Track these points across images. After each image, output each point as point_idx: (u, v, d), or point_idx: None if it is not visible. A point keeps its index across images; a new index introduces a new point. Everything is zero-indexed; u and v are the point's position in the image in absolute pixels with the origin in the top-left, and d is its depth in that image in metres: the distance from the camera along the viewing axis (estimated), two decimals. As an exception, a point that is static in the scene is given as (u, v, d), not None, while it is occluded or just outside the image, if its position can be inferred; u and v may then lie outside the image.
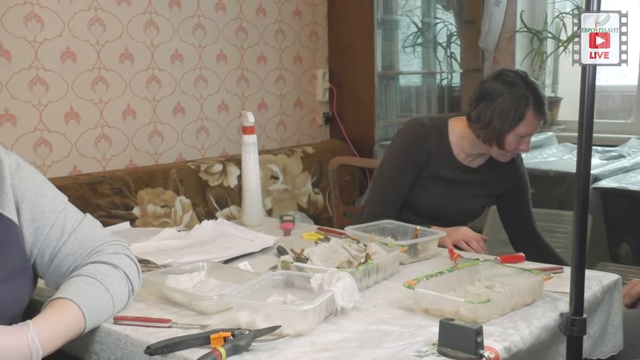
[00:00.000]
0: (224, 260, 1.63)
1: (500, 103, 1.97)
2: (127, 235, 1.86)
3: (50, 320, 1.13)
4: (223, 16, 3.19)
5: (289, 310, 1.21)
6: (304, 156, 3.39)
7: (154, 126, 2.98)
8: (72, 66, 2.67)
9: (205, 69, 3.15)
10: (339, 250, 1.58)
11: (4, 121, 2.50)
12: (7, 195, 1.24)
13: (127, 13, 2.82)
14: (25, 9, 2.51)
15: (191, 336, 1.16)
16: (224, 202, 2.99)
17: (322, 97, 3.70)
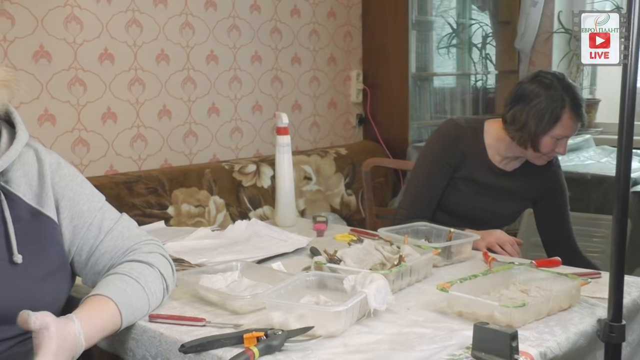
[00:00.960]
0: (257, 260, 1.64)
1: (536, 105, 1.94)
2: (162, 234, 1.88)
3: (90, 316, 1.15)
4: (258, 17, 3.21)
5: (322, 311, 1.21)
6: (337, 157, 3.39)
7: (189, 126, 3.01)
8: (109, 67, 2.71)
9: (240, 69, 3.17)
10: (372, 252, 1.57)
11: (44, 121, 2.55)
12: (48, 194, 1.27)
13: (163, 14, 2.85)
14: (66, 10, 2.56)
15: (225, 335, 1.17)
16: (257, 202, 3.00)
17: (356, 98, 3.70)
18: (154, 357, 1.25)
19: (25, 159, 1.27)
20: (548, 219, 2.18)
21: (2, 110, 1.26)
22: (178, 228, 2.21)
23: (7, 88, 1.25)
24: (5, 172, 1.24)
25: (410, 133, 3.60)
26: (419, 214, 2.04)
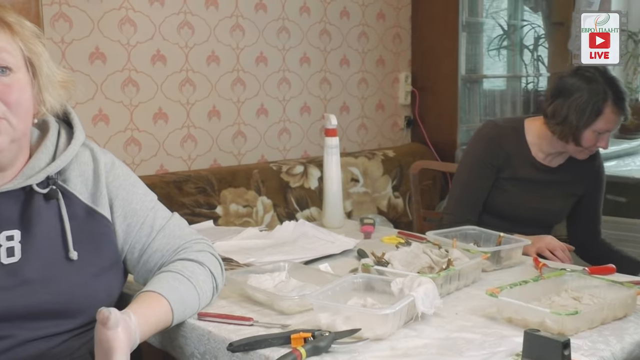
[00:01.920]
0: (304, 261, 1.64)
1: (577, 98, 1.92)
2: (211, 233, 1.90)
3: (144, 313, 1.17)
4: (307, 19, 3.22)
5: (370, 313, 1.20)
6: (384, 159, 3.38)
7: (238, 127, 3.04)
8: (161, 68, 2.76)
9: (289, 71, 3.18)
10: (420, 255, 1.56)
11: (98, 121, 2.61)
12: (102, 193, 1.30)
13: (214, 16, 2.89)
14: (120, 13, 2.61)
15: (272, 335, 1.18)
16: (305, 203, 3.01)
17: (404, 100, 3.68)
18: (202, 354, 1.26)
19: (81, 158, 1.31)
20: (583, 216, 2.15)
21: (60, 111, 1.30)
22: (226, 228, 2.24)
23: (66, 89, 1.29)
24: (63, 171, 1.28)
25: (459, 136, 3.56)
26: (466, 218, 2.03)
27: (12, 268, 1.18)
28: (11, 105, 1.16)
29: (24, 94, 1.19)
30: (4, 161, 1.20)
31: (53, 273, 1.19)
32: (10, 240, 1.19)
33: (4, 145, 1.17)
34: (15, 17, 1.20)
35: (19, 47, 1.19)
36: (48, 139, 1.28)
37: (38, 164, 1.25)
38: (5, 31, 1.17)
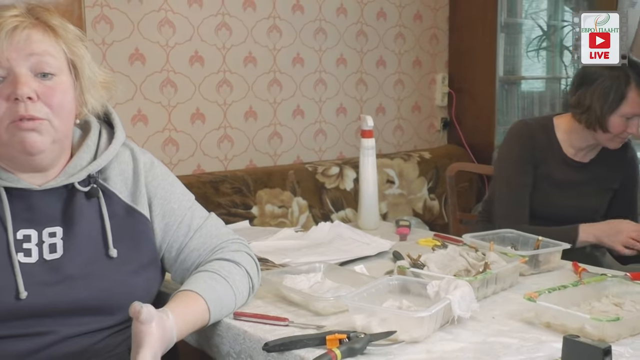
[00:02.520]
0: (340, 262, 1.64)
1: (599, 84, 1.91)
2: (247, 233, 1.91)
3: (182, 312, 1.18)
4: (344, 20, 3.23)
5: (405, 316, 1.20)
6: (420, 161, 3.36)
7: (274, 128, 3.06)
8: (199, 69, 2.79)
9: (325, 72, 3.19)
10: (457, 258, 1.55)
11: (137, 121, 2.65)
12: (141, 192, 1.31)
13: (252, 18, 2.91)
14: (160, 15, 2.65)
15: (307, 336, 1.17)
16: (340, 204, 3.01)
17: (441, 101, 3.66)
18: (237, 354, 1.27)
19: (121, 158, 1.33)
20: (620, 210, 2.12)
21: (101, 111, 1.32)
22: (262, 228, 2.25)
23: (107, 90, 1.31)
24: (104, 170, 1.30)
25: (497, 138, 3.53)
26: (521, 218, 2.02)
27: (54, 264, 1.20)
28: (54, 107, 1.18)
29: (66, 96, 1.21)
30: (46, 161, 1.23)
31: (93, 270, 1.22)
32: (53, 236, 1.22)
33: (46, 145, 1.19)
34: (59, 21, 1.23)
35: (62, 50, 1.21)
36: (89, 139, 1.30)
37: (80, 162, 1.27)
38: (49, 35, 1.20)
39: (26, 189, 1.22)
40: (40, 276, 1.18)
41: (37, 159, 1.20)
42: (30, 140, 1.17)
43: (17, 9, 1.19)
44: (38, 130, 1.17)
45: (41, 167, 1.23)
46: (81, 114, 1.28)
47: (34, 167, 1.23)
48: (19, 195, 1.22)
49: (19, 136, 1.16)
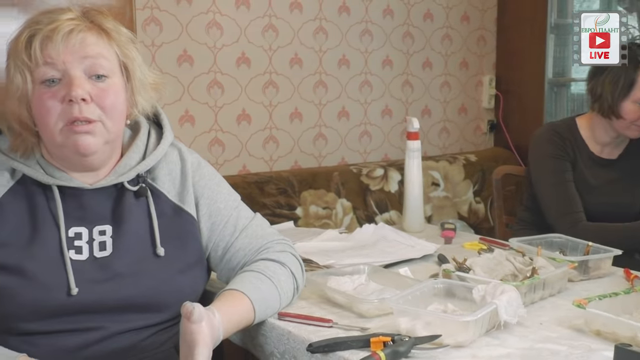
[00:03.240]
0: (384, 264, 1.64)
1: (610, 71, 1.95)
2: (291, 234, 1.92)
3: (228, 311, 1.19)
4: (390, 22, 3.21)
5: (451, 319, 1.19)
6: (466, 164, 3.33)
7: (319, 129, 3.06)
8: (246, 70, 2.81)
9: (371, 74, 3.18)
10: (503, 262, 1.53)
11: (184, 121, 2.69)
12: (189, 192, 1.33)
13: (298, 19, 2.92)
14: (208, 17, 2.68)
15: (352, 338, 1.17)
16: (384, 206, 3.00)
17: (488, 103, 3.61)
18: (281, 354, 1.27)
19: (170, 158, 1.35)
20: None
21: (151, 112, 1.35)
22: (306, 229, 2.26)
23: (156, 91, 1.33)
24: (152, 169, 1.32)
25: (545, 141, 3.46)
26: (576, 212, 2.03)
27: (103, 262, 1.23)
28: (106, 109, 1.21)
29: (118, 97, 1.24)
30: (98, 161, 1.26)
31: (141, 268, 1.24)
32: (103, 235, 1.24)
33: (98, 146, 1.22)
34: (112, 24, 1.25)
35: (115, 53, 1.24)
36: (139, 139, 1.33)
37: (129, 162, 1.30)
38: (103, 37, 1.23)
39: (78, 188, 1.25)
40: (90, 273, 1.21)
41: (90, 159, 1.23)
42: (83, 142, 1.19)
43: (72, 12, 1.22)
44: (91, 133, 1.20)
45: (93, 166, 1.26)
46: (131, 114, 1.30)
47: (86, 166, 1.25)
48: (71, 193, 1.25)
49: (73, 139, 1.19)
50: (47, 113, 1.18)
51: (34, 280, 1.17)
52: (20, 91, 1.19)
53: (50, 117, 1.18)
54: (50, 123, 1.18)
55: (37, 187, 1.24)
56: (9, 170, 1.25)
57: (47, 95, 1.18)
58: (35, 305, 1.17)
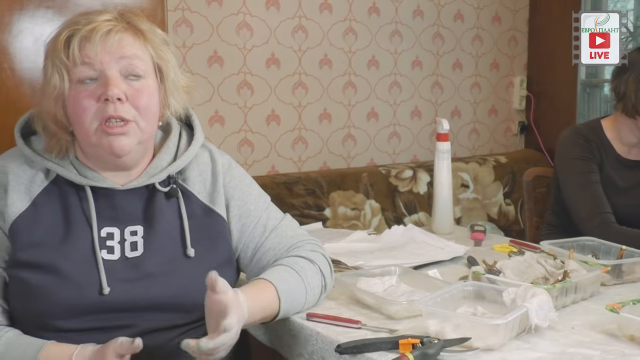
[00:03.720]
0: (413, 266, 1.63)
1: (633, 70, 1.93)
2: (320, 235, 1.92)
3: (253, 294, 1.20)
4: (420, 23, 3.20)
5: (481, 322, 1.18)
6: (496, 165, 3.30)
7: (348, 130, 3.06)
8: (275, 71, 2.82)
9: (400, 75, 3.17)
10: (534, 265, 1.51)
11: (214, 122, 2.71)
12: (219, 193, 1.34)
13: (328, 20, 2.93)
14: (238, 18, 2.70)
15: (380, 339, 1.17)
16: (413, 208, 2.99)
17: (519, 105, 3.57)
18: (310, 354, 1.28)
19: (200, 159, 1.36)
20: None
21: (183, 113, 1.36)
22: (335, 230, 2.26)
23: (188, 94, 1.35)
24: (183, 170, 1.34)
25: (577, 142, 3.41)
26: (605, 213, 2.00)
27: (135, 262, 1.24)
28: (140, 109, 1.23)
29: (152, 98, 1.25)
30: (131, 161, 1.27)
31: (172, 268, 1.25)
32: (134, 235, 1.26)
33: (131, 146, 1.23)
34: (148, 25, 1.27)
35: (149, 54, 1.25)
36: (170, 140, 1.34)
37: (161, 163, 1.31)
38: (139, 39, 1.24)
39: (110, 189, 1.27)
40: (122, 273, 1.22)
41: (123, 159, 1.25)
42: (118, 143, 1.21)
43: (109, 14, 1.24)
44: (125, 134, 1.21)
45: (126, 166, 1.28)
46: (164, 116, 1.32)
47: (119, 166, 1.27)
48: (103, 194, 1.26)
49: (108, 140, 1.21)
50: (83, 112, 1.20)
51: (68, 279, 1.19)
52: (57, 90, 1.21)
53: (86, 116, 1.20)
54: (85, 122, 1.20)
55: (71, 187, 1.26)
56: (44, 171, 1.27)
57: (84, 94, 1.20)
58: (68, 304, 1.19)
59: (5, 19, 1.78)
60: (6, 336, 1.16)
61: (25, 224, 1.22)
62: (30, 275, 1.19)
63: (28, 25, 1.81)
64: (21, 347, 1.15)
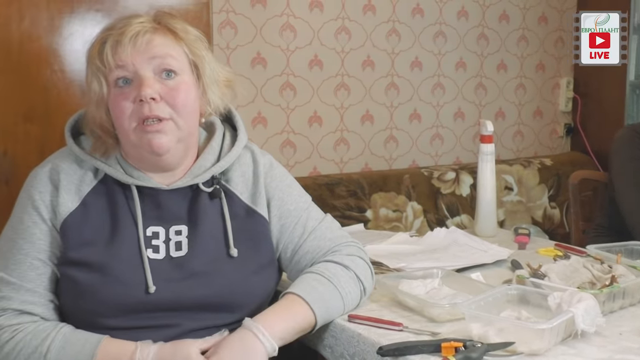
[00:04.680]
0: (455, 269, 1.61)
1: None
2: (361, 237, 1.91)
3: (281, 318, 1.22)
4: (465, 23, 3.17)
5: (525, 327, 1.16)
6: (541, 168, 3.25)
7: (390, 132, 3.05)
8: (318, 73, 2.83)
9: (444, 76, 3.15)
10: (580, 270, 1.48)
11: (257, 123, 2.72)
12: (261, 193, 1.35)
13: (371, 21, 2.92)
14: (282, 19, 2.71)
15: (422, 342, 1.16)
16: (455, 210, 2.96)
17: (565, 107, 3.51)
18: (351, 356, 1.27)
19: (243, 159, 1.37)
20: None
21: (225, 110, 1.37)
22: (376, 231, 2.25)
23: (229, 88, 1.36)
24: (226, 171, 1.35)
25: (625, 145, 3.34)
26: None
27: (179, 261, 1.26)
28: (177, 106, 1.24)
29: (189, 95, 1.27)
30: (173, 161, 1.29)
31: (215, 268, 1.26)
32: (179, 234, 1.28)
33: (171, 144, 1.25)
34: (180, 24, 1.29)
35: (183, 52, 1.27)
36: (214, 140, 1.36)
37: (204, 164, 1.33)
38: (170, 37, 1.26)
39: (155, 188, 1.28)
40: (167, 272, 1.24)
41: (164, 158, 1.27)
42: (156, 141, 1.23)
43: (144, 17, 1.27)
44: (163, 131, 1.23)
45: (168, 166, 1.29)
46: (205, 112, 1.33)
47: (162, 166, 1.29)
48: (148, 193, 1.28)
49: (146, 138, 1.23)
50: (121, 113, 1.22)
51: (115, 278, 1.21)
52: (97, 96, 1.24)
53: (125, 117, 1.22)
54: (124, 123, 1.23)
55: (118, 187, 1.29)
56: (92, 170, 1.30)
57: (121, 97, 1.22)
58: (115, 302, 1.21)
59: (56, 22, 1.83)
60: (62, 331, 1.19)
61: (75, 222, 1.24)
62: (79, 274, 1.22)
63: (78, 27, 1.85)
64: (79, 342, 1.17)
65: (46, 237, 1.24)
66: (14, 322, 1.20)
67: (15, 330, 1.19)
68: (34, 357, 1.16)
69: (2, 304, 1.22)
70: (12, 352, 1.18)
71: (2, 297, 1.22)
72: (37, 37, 1.81)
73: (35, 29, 1.81)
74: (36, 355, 1.16)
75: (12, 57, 1.80)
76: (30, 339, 1.18)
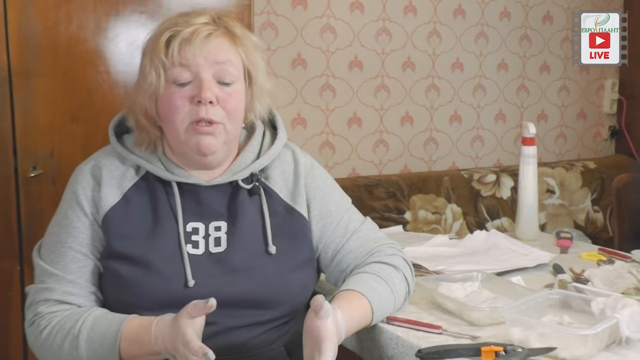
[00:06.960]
0: (495, 272, 1.60)
1: None
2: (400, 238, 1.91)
3: (349, 310, 1.20)
4: (507, 24, 3.13)
5: (568, 332, 1.14)
6: (584, 171, 3.19)
7: (430, 133, 3.03)
8: (358, 74, 2.83)
9: (485, 77, 3.12)
10: (625, 275, 1.45)
11: (296, 124, 2.74)
12: (300, 193, 1.36)
13: (412, 23, 2.91)
14: (322, 21, 2.72)
15: (462, 346, 1.15)
16: (496, 213, 2.93)
17: (610, 109, 3.44)
18: (389, 358, 1.27)
19: (283, 158, 1.38)
20: None
21: (267, 114, 1.39)
22: (415, 234, 2.24)
23: (272, 98, 1.38)
24: (266, 169, 1.36)
25: (673, 149, 3.26)
26: None
27: (218, 257, 1.27)
28: (229, 112, 1.26)
29: (240, 102, 1.29)
30: (216, 160, 1.31)
31: (254, 265, 1.27)
32: (218, 230, 1.29)
33: (217, 147, 1.27)
34: (242, 30, 1.30)
35: (241, 58, 1.29)
36: (254, 139, 1.37)
37: (244, 161, 1.34)
38: (234, 44, 1.28)
39: (195, 184, 1.30)
40: (206, 268, 1.26)
41: (209, 159, 1.29)
42: (205, 142, 1.25)
43: (206, 17, 1.28)
44: (213, 134, 1.25)
45: (211, 166, 1.31)
46: (247, 118, 1.35)
47: (204, 165, 1.31)
48: (188, 190, 1.30)
49: (196, 138, 1.25)
50: (175, 110, 1.24)
51: (155, 271, 1.23)
52: (152, 87, 1.26)
53: (178, 115, 1.24)
54: (177, 120, 1.25)
55: (159, 183, 1.31)
56: (134, 167, 1.32)
57: (178, 95, 1.24)
58: (154, 295, 1.23)
59: (102, 24, 1.87)
60: (94, 314, 1.22)
61: (117, 216, 1.27)
62: (121, 267, 1.24)
63: (123, 29, 1.89)
64: (107, 321, 1.20)
65: (88, 231, 1.27)
66: (52, 310, 1.24)
67: (52, 317, 1.23)
68: (68, 339, 1.19)
69: (45, 294, 1.25)
70: (49, 337, 1.21)
71: (46, 289, 1.25)
72: (84, 39, 1.85)
73: (82, 32, 1.85)
74: (70, 337, 1.19)
75: (60, 59, 1.84)
76: (65, 322, 1.21)
